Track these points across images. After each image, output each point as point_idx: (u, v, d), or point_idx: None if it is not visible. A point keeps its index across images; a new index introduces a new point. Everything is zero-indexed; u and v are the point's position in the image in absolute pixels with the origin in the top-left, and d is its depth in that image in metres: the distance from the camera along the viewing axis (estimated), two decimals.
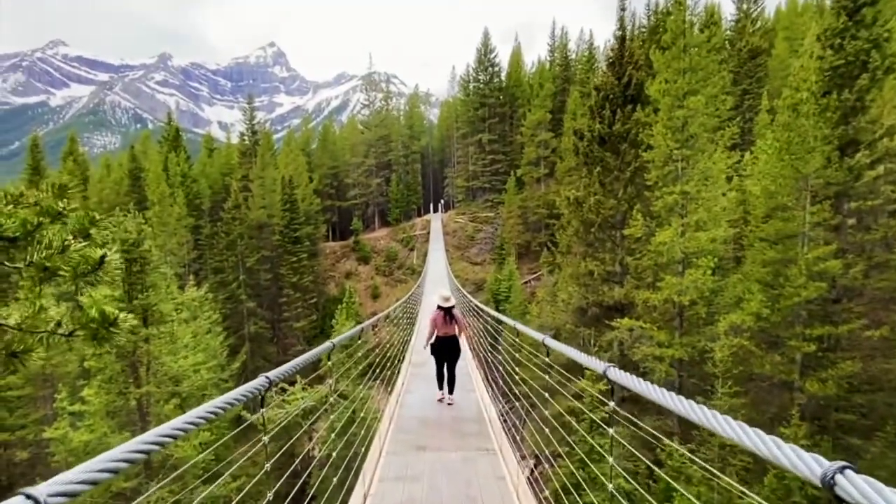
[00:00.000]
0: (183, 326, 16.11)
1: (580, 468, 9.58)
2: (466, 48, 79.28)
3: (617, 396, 2.72)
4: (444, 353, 7.19)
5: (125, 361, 13.04)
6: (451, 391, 7.31)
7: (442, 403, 7.24)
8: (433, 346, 7.27)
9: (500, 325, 9.29)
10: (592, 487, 9.04)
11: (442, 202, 61.24)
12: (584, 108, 28.82)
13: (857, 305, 13.18)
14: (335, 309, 27.05)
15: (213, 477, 12.83)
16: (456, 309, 7.37)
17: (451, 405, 7.20)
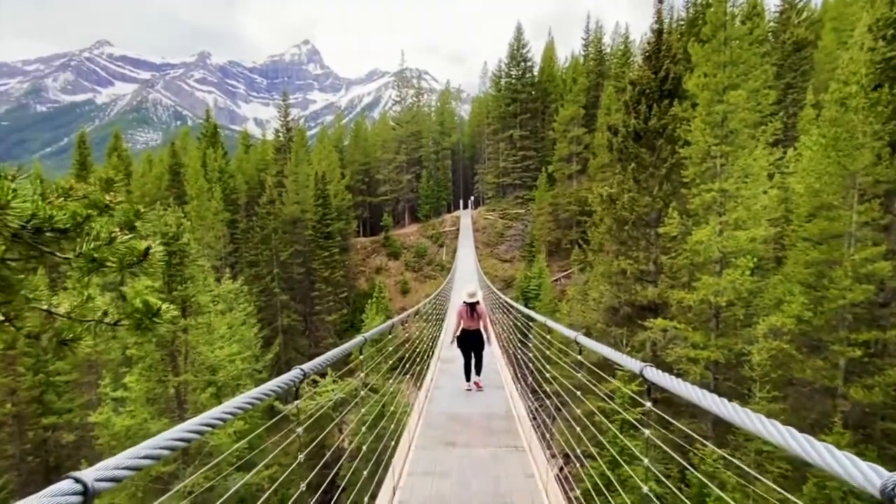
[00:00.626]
0: (219, 318, 16.58)
1: (611, 468, 9.44)
2: (499, 44, 78.44)
3: (650, 398, 2.66)
4: (469, 345, 7.73)
5: (164, 350, 13.51)
6: (478, 372, 7.89)
7: (470, 394, 7.61)
8: (459, 338, 7.78)
9: (529, 321, 9.24)
10: (623, 489, 8.90)
11: (472, 199, 61.01)
12: (618, 103, 28.24)
13: None
14: (365, 303, 27.41)
15: (246, 465, 13.20)
16: (480, 304, 7.80)
17: (480, 390, 7.69)
